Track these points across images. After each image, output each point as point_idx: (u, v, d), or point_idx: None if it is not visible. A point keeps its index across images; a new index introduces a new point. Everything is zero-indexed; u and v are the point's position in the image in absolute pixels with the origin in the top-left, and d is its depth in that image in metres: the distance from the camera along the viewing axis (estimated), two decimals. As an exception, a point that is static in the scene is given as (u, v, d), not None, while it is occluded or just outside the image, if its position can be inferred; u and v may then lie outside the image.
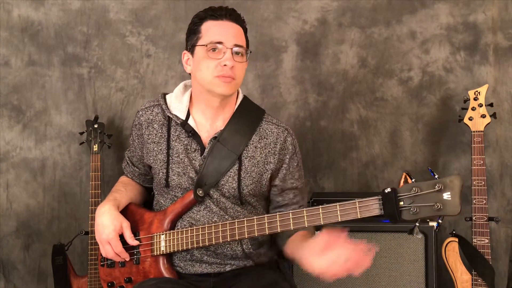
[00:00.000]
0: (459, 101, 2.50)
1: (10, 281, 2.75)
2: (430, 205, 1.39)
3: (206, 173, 1.74)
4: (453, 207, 1.38)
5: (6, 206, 2.73)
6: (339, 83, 2.71)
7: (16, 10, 2.73)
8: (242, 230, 1.64)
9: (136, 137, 1.88)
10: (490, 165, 2.60)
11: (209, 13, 1.74)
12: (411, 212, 1.41)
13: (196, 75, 1.75)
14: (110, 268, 1.84)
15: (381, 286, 2.21)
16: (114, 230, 1.72)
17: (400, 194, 1.43)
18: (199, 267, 1.76)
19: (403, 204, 1.42)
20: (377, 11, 2.68)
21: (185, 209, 1.76)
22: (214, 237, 1.67)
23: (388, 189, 1.44)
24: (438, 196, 1.38)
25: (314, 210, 1.53)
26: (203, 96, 1.77)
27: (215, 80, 1.70)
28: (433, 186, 1.39)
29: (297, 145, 1.85)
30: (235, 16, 1.75)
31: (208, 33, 1.72)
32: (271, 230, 1.60)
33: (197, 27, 1.75)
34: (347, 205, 1.50)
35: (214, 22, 1.73)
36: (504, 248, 2.62)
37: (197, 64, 1.74)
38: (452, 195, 1.37)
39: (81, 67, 2.74)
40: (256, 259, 1.80)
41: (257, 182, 1.78)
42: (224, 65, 1.69)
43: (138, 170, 1.95)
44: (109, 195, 1.85)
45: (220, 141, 1.75)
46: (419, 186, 1.41)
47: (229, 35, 1.71)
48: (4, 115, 2.73)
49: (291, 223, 1.57)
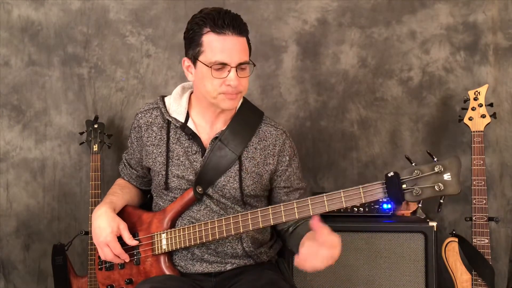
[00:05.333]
0: (459, 101, 2.50)
1: (10, 281, 2.75)
2: (432, 186, 1.45)
3: (206, 171, 1.74)
4: (454, 187, 1.44)
5: (6, 206, 2.73)
6: (339, 83, 2.71)
7: (16, 10, 2.73)
8: (246, 223, 1.64)
9: (135, 140, 1.88)
10: (490, 165, 2.60)
11: (210, 23, 1.65)
12: (414, 193, 1.47)
13: (199, 87, 1.73)
14: (108, 271, 1.83)
15: (381, 286, 2.21)
16: (111, 232, 1.72)
17: (402, 177, 1.48)
18: (200, 266, 1.76)
19: (406, 187, 1.48)
20: (377, 11, 2.68)
21: (184, 207, 1.76)
22: (217, 231, 1.67)
23: (391, 173, 1.49)
24: (438, 178, 1.45)
25: (318, 198, 1.56)
26: (205, 103, 1.76)
27: (220, 96, 1.69)
28: (433, 168, 1.45)
29: (295, 148, 1.87)
30: (238, 27, 1.66)
31: (211, 50, 1.65)
32: (276, 221, 1.61)
33: (197, 38, 1.67)
34: (351, 191, 1.53)
35: (216, 37, 1.64)
36: (504, 248, 2.62)
37: (200, 78, 1.70)
38: (452, 175, 1.44)
39: (81, 67, 2.74)
40: (256, 258, 1.81)
41: (258, 182, 1.78)
42: (228, 85, 1.66)
43: (136, 172, 1.95)
44: (105, 198, 1.85)
45: (221, 140, 1.76)
46: (420, 169, 1.47)
47: (233, 54, 1.65)
48: (4, 115, 2.74)
49: (295, 212, 1.58)
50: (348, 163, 2.71)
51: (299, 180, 1.85)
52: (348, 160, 2.71)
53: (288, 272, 1.95)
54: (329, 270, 2.24)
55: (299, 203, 1.58)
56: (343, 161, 2.71)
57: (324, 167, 2.72)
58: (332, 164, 2.72)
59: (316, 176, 2.71)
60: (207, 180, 1.74)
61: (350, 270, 2.24)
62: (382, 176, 1.49)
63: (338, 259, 2.21)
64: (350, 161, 2.71)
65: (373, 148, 2.69)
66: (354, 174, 2.70)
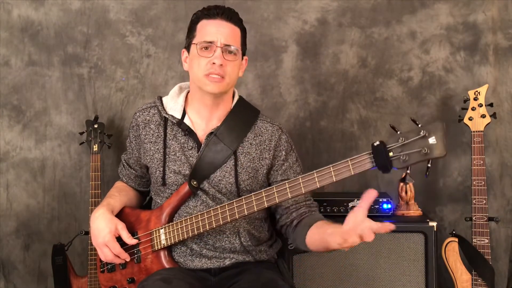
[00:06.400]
0: (459, 101, 2.50)
1: (10, 281, 2.75)
2: (418, 151, 1.44)
3: (201, 165, 1.77)
4: (439, 149, 1.43)
5: (6, 206, 2.73)
6: (339, 83, 2.71)
7: (16, 10, 2.73)
8: (241, 208, 1.65)
9: (133, 139, 1.91)
10: (490, 165, 2.60)
11: (204, 12, 1.77)
12: (401, 160, 1.46)
13: (190, 72, 1.80)
14: (110, 272, 1.85)
15: (381, 286, 2.22)
16: (109, 232, 1.74)
17: (388, 145, 1.48)
18: (199, 262, 1.78)
19: (393, 154, 1.47)
20: (377, 11, 2.68)
21: (180, 201, 1.78)
22: (214, 220, 1.69)
23: (377, 142, 1.49)
24: (424, 142, 1.44)
25: (309, 175, 1.58)
26: (197, 94, 1.80)
27: (204, 78, 1.73)
28: (418, 133, 1.44)
29: (292, 143, 1.88)
30: (230, 15, 1.77)
31: (201, 32, 1.76)
32: (269, 202, 1.62)
33: (193, 26, 1.79)
34: (339, 164, 1.55)
35: (208, 21, 1.76)
36: (504, 248, 2.62)
37: (191, 62, 1.78)
38: (436, 138, 1.43)
39: (81, 67, 2.74)
40: (255, 255, 1.82)
41: (254, 177, 1.80)
42: (213, 63, 1.71)
43: (134, 172, 1.96)
44: (103, 201, 1.88)
45: (217, 135, 1.78)
46: (405, 136, 1.46)
47: (220, 34, 1.73)
48: (4, 115, 2.73)
49: (288, 192, 1.59)
50: (348, 163, 2.70)
51: (296, 173, 1.85)
52: (348, 160, 2.70)
53: (287, 273, 1.95)
54: (329, 270, 2.25)
55: (291, 182, 1.59)
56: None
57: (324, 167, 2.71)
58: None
59: (316, 176, 2.70)
60: (202, 174, 1.76)
61: (350, 270, 2.24)
62: (382, 176, 1.50)
63: (338, 259, 2.23)
64: (350, 161, 2.70)
65: (373, 148, 2.69)
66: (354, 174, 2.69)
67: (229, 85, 1.78)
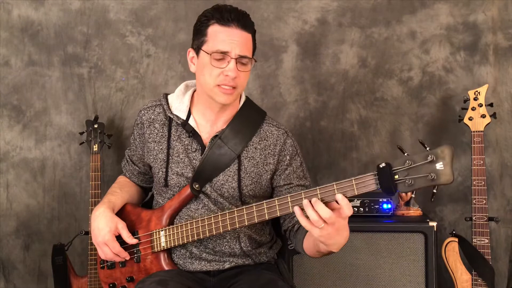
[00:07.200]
0: (459, 101, 2.50)
1: (10, 281, 2.75)
2: (424, 176, 1.42)
3: (204, 169, 1.74)
4: (446, 176, 1.40)
5: (6, 206, 2.73)
6: (339, 83, 2.71)
7: (16, 10, 2.73)
8: (242, 218, 1.63)
9: (137, 136, 1.88)
10: (490, 165, 2.60)
11: (216, 15, 1.68)
12: (407, 184, 1.44)
13: (199, 78, 1.74)
14: (110, 269, 1.84)
15: (381, 286, 2.22)
16: (109, 232, 1.73)
17: (394, 167, 1.45)
18: (198, 265, 1.77)
19: (398, 177, 1.44)
20: (377, 11, 2.68)
21: (182, 204, 1.76)
22: (214, 227, 1.67)
23: (382, 164, 1.46)
24: (431, 167, 1.41)
25: (311, 191, 1.53)
26: (205, 98, 1.77)
27: (216, 89, 1.69)
28: (426, 157, 1.42)
29: (297, 147, 1.85)
30: (244, 22, 1.69)
31: (214, 40, 1.67)
32: (271, 215, 1.60)
33: (203, 28, 1.70)
34: (343, 183, 1.51)
35: (221, 28, 1.67)
36: (504, 248, 2.62)
37: (201, 68, 1.71)
38: (444, 164, 1.40)
39: (81, 67, 2.74)
40: (255, 258, 1.81)
41: (257, 182, 1.78)
42: (226, 75, 1.67)
43: (137, 168, 1.95)
44: (104, 198, 1.86)
45: (221, 138, 1.75)
46: (412, 159, 1.44)
47: (235, 44, 1.66)
48: (4, 115, 2.74)
49: (289, 206, 1.56)
50: (348, 163, 2.71)
51: (299, 178, 1.83)
52: (348, 160, 2.71)
53: (287, 273, 1.94)
54: (329, 270, 2.24)
55: (293, 196, 1.56)
56: (343, 161, 2.71)
57: (324, 167, 2.72)
58: (332, 164, 2.72)
59: (316, 176, 2.71)
60: (204, 177, 1.74)
61: (350, 270, 2.24)
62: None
63: (338, 259, 2.23)
64: (350, 161, 2.71)
65: (373, 148, 2.70)
66: (354, 174, 2.64)
67: (239, 94, 1.76)
